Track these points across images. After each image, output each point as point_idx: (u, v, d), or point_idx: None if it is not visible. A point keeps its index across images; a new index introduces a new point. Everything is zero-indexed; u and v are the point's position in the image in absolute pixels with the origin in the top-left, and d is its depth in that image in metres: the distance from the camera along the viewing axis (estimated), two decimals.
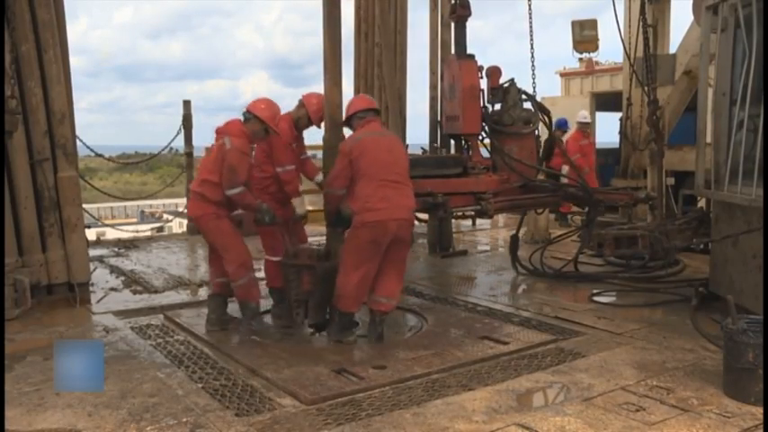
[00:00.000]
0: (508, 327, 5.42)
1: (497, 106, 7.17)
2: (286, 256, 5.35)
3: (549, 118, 7.47)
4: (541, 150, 8.21)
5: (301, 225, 6.00)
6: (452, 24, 7.53)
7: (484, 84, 7.09)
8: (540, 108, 7.32)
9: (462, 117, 6.96)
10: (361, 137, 5.07)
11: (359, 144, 4.99)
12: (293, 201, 5.76)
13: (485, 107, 7.10)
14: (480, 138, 7.22)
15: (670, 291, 6.35)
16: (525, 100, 7.21)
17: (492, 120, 7.08)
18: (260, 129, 5.27)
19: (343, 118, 5.29)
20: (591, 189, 7.43)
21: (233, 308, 5.54)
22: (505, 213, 10.12)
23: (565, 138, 10.90)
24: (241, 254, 5.28)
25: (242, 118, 5.32)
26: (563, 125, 10.86)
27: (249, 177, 5.29)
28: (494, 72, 7.16)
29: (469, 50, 7.24)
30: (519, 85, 7.17)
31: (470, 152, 7.18)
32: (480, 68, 7.06)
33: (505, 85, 7.15)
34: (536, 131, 7.24)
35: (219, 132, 5.27)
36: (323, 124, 5.49)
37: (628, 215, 8.68)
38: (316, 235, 9.80)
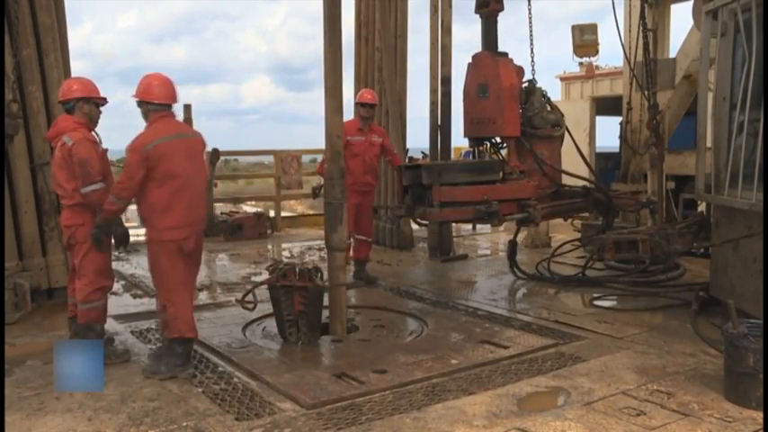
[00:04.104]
0: (508, 331, 5.41)
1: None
2: (274, 276, 5.05)
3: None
4: None
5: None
6: (481, 19, 6.98)
7: None
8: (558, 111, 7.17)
9: (502, 119, 6.60)
10: (163, 139, 4.34)
11: (160, 147, 4.30)
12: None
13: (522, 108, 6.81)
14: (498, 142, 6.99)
15: (671, 295, 6.35)
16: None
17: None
18: (91, 106, 4.70)
19: (138, 99, 4.46)
20: (610, 195, 7.27)
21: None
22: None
23: None
24: (106, 277, 4.76)
25: (68, 113, 4.68)
26: None
27: (107, 172, 4.68)
28: (518, 72, 6.88)
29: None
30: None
31: (507, 157, 6.86)
32: None
33: (524, 86, 6.93)
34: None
35: (52, 136, 4.68)
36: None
37: (636, 219, 8.67)
38: (317, 239, 9.85)
